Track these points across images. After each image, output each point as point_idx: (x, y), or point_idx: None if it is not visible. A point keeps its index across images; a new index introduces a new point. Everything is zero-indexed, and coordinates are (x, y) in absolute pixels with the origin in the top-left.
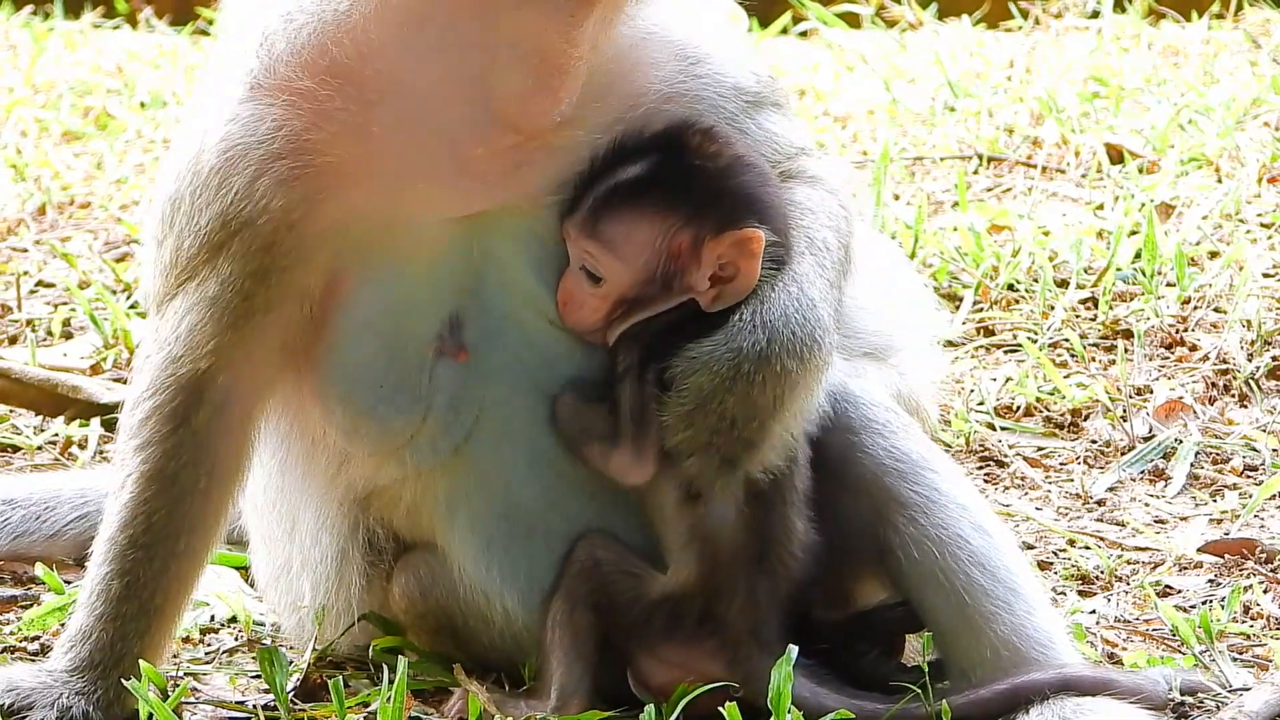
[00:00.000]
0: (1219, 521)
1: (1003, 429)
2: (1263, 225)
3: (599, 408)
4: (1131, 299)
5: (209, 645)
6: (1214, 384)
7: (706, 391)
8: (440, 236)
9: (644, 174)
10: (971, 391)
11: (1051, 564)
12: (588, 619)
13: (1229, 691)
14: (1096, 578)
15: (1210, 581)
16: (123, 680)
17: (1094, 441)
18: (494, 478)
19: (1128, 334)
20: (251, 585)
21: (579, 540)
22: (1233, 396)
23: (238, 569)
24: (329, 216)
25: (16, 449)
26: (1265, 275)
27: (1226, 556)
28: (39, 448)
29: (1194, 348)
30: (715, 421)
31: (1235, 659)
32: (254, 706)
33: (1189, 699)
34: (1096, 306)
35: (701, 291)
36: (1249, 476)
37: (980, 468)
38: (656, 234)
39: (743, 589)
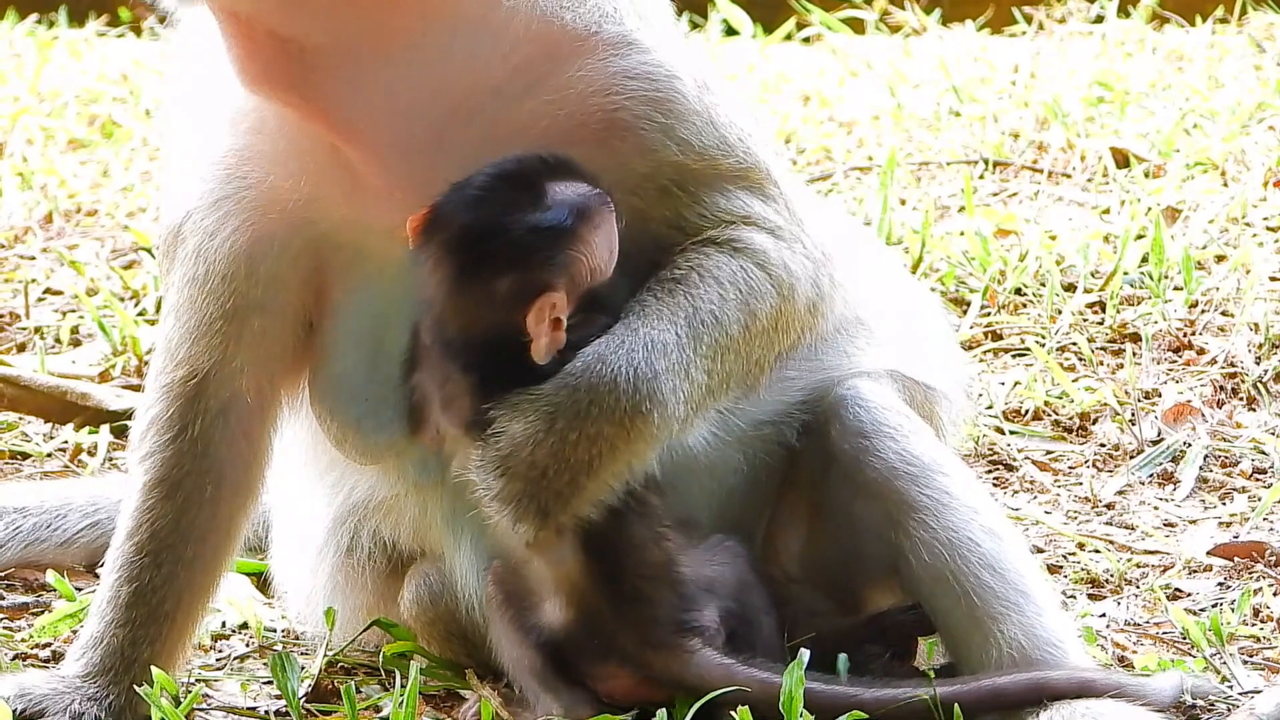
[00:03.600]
0: (1228, 524)
1: (1011, 433)
2: (1269, 229)
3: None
4: (1139, 303)
5: (220, 651)
6: (1222, 387)
7: (519, 440)
8: (410, 254)
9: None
10: (980, 395)
11: (1061, 567)
12: (533, 651)
13: (1240, 694)
14: (1106, 581)
15: (1220, 584)
16: (134, 686)
17: (1103, 445)
18: None
19: (1135, 337)
20: (263, 591)
21: (489, 574)
22: (1241, 400)
23: (249, 575)
24: (256, 228)
25: (26, 456)
26: (1272, 279)
27: (1236, 559)
28: (48, 455)
29: (1202, 351)
30: (525, 469)
31: (1246, 662)
32: (266, 712)
33: (1200, 702)
34: (1104, 310)
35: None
36: (1258, 479)
37: (989, 471)
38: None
39: (618, 618)
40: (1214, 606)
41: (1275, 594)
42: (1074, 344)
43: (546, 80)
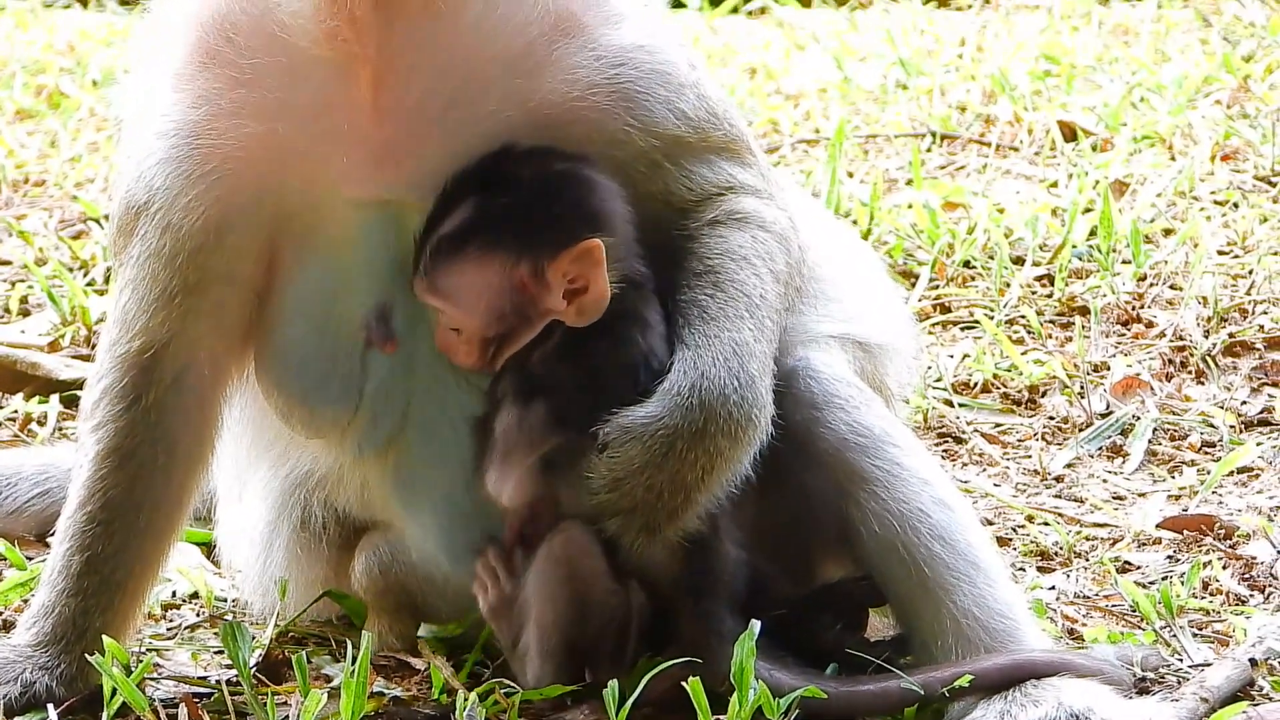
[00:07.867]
0: (1177, 498)
1: (960, 405)
2: (1216, 203)
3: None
4: (1087, 276)
5: (171, 621)
6: (1171, 360)
7: (637, 465)
8: (363, 225)
9: (464, 221)
10: (929, 368)
11: (1010, 540)
12: (563, 629)
13: (1190, 667)
14: (1056, 554)
15: (1169, 558)
16: (86, 655)
17: (1052, 418)
18: (434, 464)
19: (1084, 311)
20: (213, 561)
21: (558, 533)
22: (1189, 373)
23: (198, 544)
24: (228, 198)
25: None
26: (1220, 252)
27: (1185, 532)
28: None
29: (1150, 324)
30: (642, 493)
31: (1196, 635)
32: (217, 681)
33: (1150, 675)
34: (1052, 283)
35: (561, 311)
36: (1206, 453)
37: (938, 444)
38: (490, 276)
39: (688, 609)
40: (1164, 579)
41: (1224, 567)
42: (1023, 317)
43: (559, 55)
